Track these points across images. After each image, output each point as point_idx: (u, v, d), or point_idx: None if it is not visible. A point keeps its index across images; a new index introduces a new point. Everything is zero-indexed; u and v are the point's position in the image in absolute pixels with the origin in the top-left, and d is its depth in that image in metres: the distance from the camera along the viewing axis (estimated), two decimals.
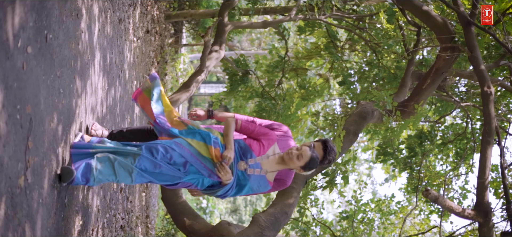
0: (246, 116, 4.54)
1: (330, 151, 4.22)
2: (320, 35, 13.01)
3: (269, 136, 3.99)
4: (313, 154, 3.90)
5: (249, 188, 3.93)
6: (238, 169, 3.88)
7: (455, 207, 5.03)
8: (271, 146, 3.99)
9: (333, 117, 11.64)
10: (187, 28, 16.13)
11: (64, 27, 3.84)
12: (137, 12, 8.17)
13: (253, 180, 3.89)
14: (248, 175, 3.87)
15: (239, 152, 3.90)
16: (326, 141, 4.29)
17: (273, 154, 3.97)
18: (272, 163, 3.96)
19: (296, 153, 3.87)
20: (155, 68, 11.16)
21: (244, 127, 4.02)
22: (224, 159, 3.79)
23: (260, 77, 13.38)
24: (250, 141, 3.95)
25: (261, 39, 23.64)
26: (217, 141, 3.87)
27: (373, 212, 10.72)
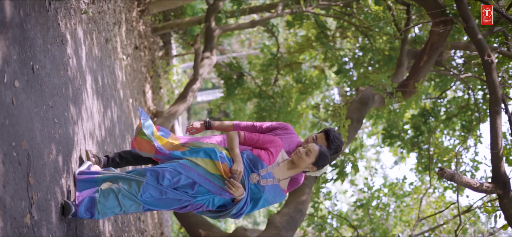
0: (245, 122, 4.44)
1: (333, 140, 4.13)
2: (310, 27, 12.93)
3: (276, 142, 3.85)
4: (321, 148, 3.80)
5: (264, 200, 3.75)
6: (251, 182, 3.71)
7: (472, 182, 4.92)
8: (280, 153, 3.86)
9: (334, 107, 11.53)
10: (175, 38, 16.02)
11: (50, 55, 3.74)
12: (123, 30, 8.06)
13: (267, 191, 3.73)
14: (262, 187, 3.70)
15: (249, 165, 3.73)
16: (328, 130, 4.20)
17: (282, 160, 3.84)
18: (283, 169, 3.81)
19: (303, 150, 3.76)
20: (148, 83, 11.06)
21: (248, 138, 3.88)
22: (233, 174, 3.62)
23: (255, 77, 13.30)
24: (258, 151, 3.80)
25: (251, 39, 23.52)
26: (223, 156, 3.69)
27: (387, 196, 10.65)
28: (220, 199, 3.69)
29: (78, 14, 4.83)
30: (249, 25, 12.20)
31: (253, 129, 4.37)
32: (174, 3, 9.73)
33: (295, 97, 11.89)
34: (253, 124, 4.40)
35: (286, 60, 13.21)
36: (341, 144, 4.18)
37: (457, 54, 11.28)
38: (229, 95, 12.63)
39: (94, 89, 5.18)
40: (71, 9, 4.57)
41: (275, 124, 4.41)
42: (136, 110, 8.49)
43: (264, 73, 12.93)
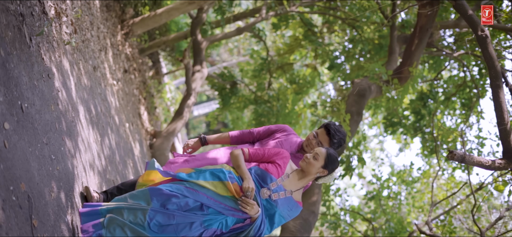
0: (241, 131, 4.33)
1: (334, 134, 4.03)
2: (296, 26, 12.89)
3: (282, 154, 3.70)
4: (328, 150, 3.68)
5: (280, 215, 3.58)
6: (262, 198, 3.54)
7: (484, 161, 4.83)
8: (288, 164, 3.71)
9: (332, 103, 11.46)
10: (163, 56, 15.93)
11: (38, 91, 3.64)
12: (110, 55, 7.97)
13: (281, 205, 3.56)
14: (274, 202, 3.54)
15: (258, 180, 3.57)
16: (327, 125, 4.10)
17: (291, 171, 3.69)
18: (294, 180, 3.66)
19: (311, 155, 3.63)
20: (143, 104, 10.96)
21: (253, 154, 3.72)
22: (245, 192, 3.43)
23: (248, 84, 13.23)
24: (266, 165, 3.65)
25: (239, 47, 23.44)
26: (232, 175, 3.53)
27: (397, 185, 10.59)
28: (232, 219, 3.51)
29: (61, 46, 4.74)
30: (235, 33, 12.14)
31: (250, 136, 4.26)
32: (157, 21, 9.62)
33: (291, 98, 11.83)
34: (249, 131, 4.28)
35: (277, 62, 13.16)
36: (343, 136, 4.09)
37: (446, 33, 11.24)
38: (225, 106, 12.55)
39: (88, 119, 5.08)
40: (53, 41, 4.47)
41: (273, 127, 4.31)
42: (135, 133, 8.42)
43: (257, 79, 12.86)
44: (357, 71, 11.53)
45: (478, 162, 4.80)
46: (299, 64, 15.35)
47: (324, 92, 16.32)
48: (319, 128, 4.17)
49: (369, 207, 10.80)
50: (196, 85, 10.47)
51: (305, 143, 4.13)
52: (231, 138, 4.26)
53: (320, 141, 4.06)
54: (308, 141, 4.10)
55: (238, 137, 4.26)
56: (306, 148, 4.11)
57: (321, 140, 4.06)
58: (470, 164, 4.79)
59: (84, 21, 6.24)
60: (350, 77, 11.81)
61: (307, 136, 4.18)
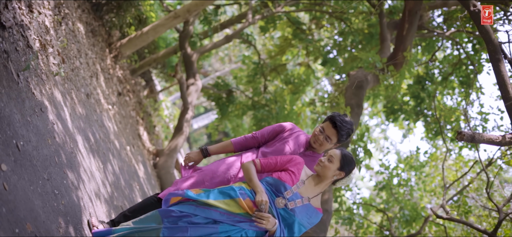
0: (243, 137, 4.12)
1: (341, 126, 3.85)
2: (284, 27, 12.84)
3: (295, 160, 3.54)
4: (342, 150, 3.54)
5: (299, 224, 3.39)
6: (278, 208, 3.37)
7: (494, 138, 4.73)
8: (302, 170, 3.54)
9: (330, 98, 11.37)
10: (156, 74, 15.82)
11: (32, 127, 3.54)
12: (102, 80, 7.86)
13: (299, 214, 3.37)
14: (291, 211, 3.35)
15: (271, 190, 3.40)
16: (332, 117, 3.92)
17: (307, 177, 3.52)
18: (311, 186, 3.49)
19: (325, 158, 3.48)
20: (141, 125, 10.85)
21: (265, 164, 3.56)
22: (259, 205, 3.26)
23: (244, 90, 13.15)
24: (278, 174, 3.49)
25: (230, 55, 23.36)
26: (243, 191, 3.36)
27: (406, 171, 10.49)
28: (252, 232, 3.35)
29: (50, 77, 4.63)
30: (224, 41, 12.05)
31: (254, 141, 4.07)
32: (144, 40, 9.51)
33: (289, 99, 11.74)
34: (252, 135, 4.10)
35: (270, 65, 13.09)
36: (351, 126, 3.93)
37: (435, 14, 11.19)
38: (223, 115, 12.46)
39: (87, 147, 4.98)
40: (42, 74, 4.37)
41: (277, 127, 4.12)
42: (137, 155, 8.32)
43: (252, 84, 12.78)
44: (351, 63, 11.46)
45: (488, 139, 4.70)
46: (292, 64, 15.29)
47: (320, 88, 16.24)
48: (323, 122, 4.00)
49: (380, 198, 10.70)
50: (192, 99, 10.37)
51: (312, 139, 3.97)
52: (234, 145, 4.07)
53: (327, 135, 3.90)
54: (315, 137, 3.95)
55: (242, 144, 4.08)
56: (314, 144, 3.96)
57: (328, 134, 3.90)
58: (480, 142, 4.70)
59: (71, 50, 6.14)
60: (344, 70, 11.73)
61: (313, 131, 4.00)
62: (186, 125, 9.84)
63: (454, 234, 9.46)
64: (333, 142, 3.93)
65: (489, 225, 8.15)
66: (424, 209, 9.97)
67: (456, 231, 9.48)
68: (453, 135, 9.40)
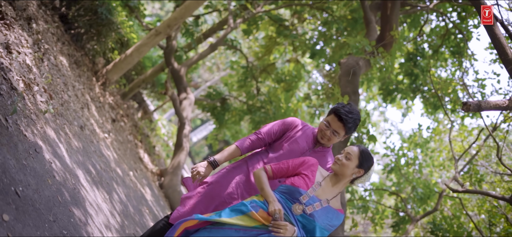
0: (248, 139, 3.84)
1: (346, 118, 3.59)
2: (267, 26, 12.72)
3: (307, 163, 3.33)
4: (360, 147, 3.35)
5: (320, 228, 3.17)
6: (296, 215, 3.15)
7: (501, 103, 4.60)
8: (317, 171, 3.33)
9: (324, 90, 11.24)
10: (147, 94, 15.64)
11: (29, 170, 3.39)
12: (93, 110, 7.70)
13: (319, 218, 3.16)
14: (310, 216, 3.15)
15: (286, 198, 3.19)
16: (336, 110, 3.65)
17: (323, 179, 3.31)
18: (328, 187, 3.28)
19: (342, 156, 3.29)
20: (140, 148, 10.69)
21: (277, 170, 3.35)
22: (273, 215, 3.06)
23: (237, 95, 13.03)
24: (291, 180, 3.27)
25: (217, 63, 23.25)
26: (255, 204, 3.16)
27: (412, 150, 10.38)
28: None
29: (40, 116, 4.47)
30: (210, 50, 11.89)
31: (261, 142, 3.82)
32: (130, 62, 9.33)
33: (283, 97, 11.62)
34: (257, 136, 3.84)
35: (258, 66, 12.96)
36: (357, 115, 3.68)
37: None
38: (221, 124, 12.32)
39: (90, 180, 4.82)
40: (31, 114, 4.21)
41: (283, 125, 3.87)
42: (141, 179, 8.16)
43: (244, 88, 12.65)
44: (340, 51, 11.36)
45: (495, 105, 4.57)
46: (280, 62, 15.18)
47: (313, 81, 16.12)
48: (328, 116, 3.74)
49: (390, 180, 10.57)
50: (187, 113, 10.23)
51: (320, 135, 3.74)
52: (241, 149, 3.79)
53: (334, 129, 3.66)
54: (322, 132, 3.72)
55: (248, 147, 3.83)
56: (322, 140, 3.73)
57: (335, 128, 3.66)
58: (487, 109, 4.57)
59: (57, 84, 5.97)
60: (334, 59, 11.63)
61: (319, 127, 3.78)
62: (186, 141, 9.69)
63: (469, 205, 9.38)
64: (341, 136, 3.71)
65: (502, 189, 8.07)
66: (437, 185, 9.86)
67: (471, 201, 9.40)
68: (453, 107, 9.31)
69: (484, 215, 8.68)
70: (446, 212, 9.04)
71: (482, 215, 8.99)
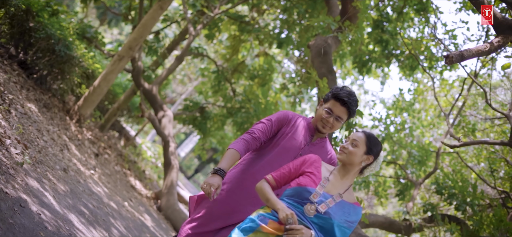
0: (243, 140, 3.48)
1: (349, 101, 3.35)
2: (228, 25, 12.50)
3: (308, 160, 3.05)
4: (365, 132, 3.08)
5: (339, 226, 2.86)
6: (309, 217, 2.84)
7: (482, 48, 4.48)
8: (321, 166, 3.04)
9: (299, 76, 11.05)
10: (125, 120, 15.28)
11: (18, 228, 3.13)
12: (74, 149, 7.38)
13: (335, 215, 2.85)
14: (325, 214, 2.84)
15: (295, 202, 2.88)
16: (336, 94, 3.38)
17: (330, 173, 3.01)
18: (337, 181, 2.99)
19: (348, 143, 3.01)
20: (130, 175, 10.36)
21: (280, 177, 3.05)
22: (286, 221, 2.74)
23: (214, 101, 12.79)
24: (297, 180, 2.97)
25: (187, 74, 22.93)
26: (262, 216, 2.86)
27: (398, 116, 10.24)
28: None
29: (18, 169, 4.18)
30: (176, 63, 11.59)
31: (256, 141, 3.48)
32: (99, 93, 8.99)
33: (260, 92, 11.40)
34: (251, 136, 3.50)
35: (229, 68, 12.74)
36: (355, 95, 3.45)
37: None
38: (204, 134, 12.06)
39: (84, 222, 4.55)
40: (8, 170, 3.92)
41: (275, 120, 3.56)
42: (138, 207, 7.88)
43: (219, 93, 12.41)
44: (306, 34, 11.19)
45: (477, 52, 4.44)
46: (249, 58, 14.97)
47: (286, 70, 15.93)
48: (327, 102, 3.45)
49: (385, 150, 10.45)
50: (169, 130, 9.95)
51: (321, 124, 3.45)
52: (239, 152, 3.41)
53: (337, 115, 3.39)
54: (323, 121, 3.43)
55: (245, 148, 3.46)
56: (324, 129, 3.45)
57: (338, 113, 3.39)
58: (470, 57, 4.43)
59: (30, 132, 5.66)
60: (302, 44, 11.45)
61: (318, 115, 3.48)
62: (173, 158, 9.41)
63: (466, 157, 9.29)
64: (344, 120, 3.44)
65: (496, 134, 8.00)
66: (431, 145, 9.76)
67: (468, 153, 9.33)
68: (430, 64, 9.22)
69: (484, 163, 8.63)
70: (446, 169, 8.94)
71: (482, 164, 8.93)
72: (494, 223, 6.31)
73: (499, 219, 6.30)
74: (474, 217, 6.86)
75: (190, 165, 31.52)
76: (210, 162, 28.25)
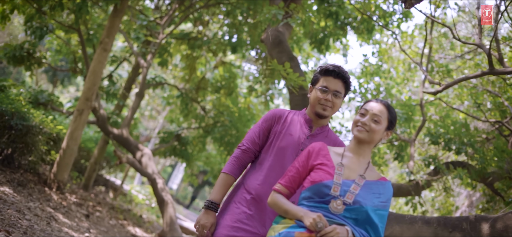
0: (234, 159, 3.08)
1: (343, 73, 2.96)
2: (178, 47, 12.14)
3: (314, 150, 2.61)
4: (382, 101, 2.63)
5: (373, 210, 2.40)
6: (337, 213, 2.38)
7: None
8: (329, 153, 2.60)
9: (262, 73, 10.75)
10: (107, 172, 14.72)
11: None
12: (61, 217, 6.90)
13: (365, 201, 2.41)
14: (355, 203, 2.39)
15: (315, 203, 2.44)
16: (324, 70, 2.99)
17: (342, 157, 2.57)
18: (354, 162, 2.55)
19: (368, 119, 2.55)
20: (128, 225, 9.87)
21: (288, 182, 2.60)
22: (316, 226, 2.30)
23: (188, 125, 12.41)
24: (310, 179, 2.51)
25: (153, 107, 22.41)
26: (285, 231, 2.40)
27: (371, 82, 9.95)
28: None
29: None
30: (138, 99, 11.08)
31: (250, 154, 3.08)
32: (71, 154, 8.44)
33: (230, 102, 11.06)
34: (240, 150, 3.10)
35: (192, 88, 12.38)
36: (341, 66, 3.04)
37: None
38: (188, 160, 11.62)
39: None
40: None
41: (262, 122, 3.13)
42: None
43: (190, 115, 12.01)
44: (256, 31, 10.91)
45: None
46: (209, 72, 14.64)
47: (248, 73, 15.61)
48: (316, 83, 3.01)
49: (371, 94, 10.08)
50: (152, 168, 9.53)
51: (320, 107, 2.98)
52: (233, 174, 3.05)
53: (335, 90, 2.96)
54: (320, 103, 2.97)
55: (238, 166, 3.08)
56: (325, 111, 2.98)
57: (334, 87, 2.96)
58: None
59: (10, 216, 5.19)
60: (254, 41, 11.17)
61: (314, 99, 3.00)
62: (165, 193, 8.99)
63: (448, 100, 9.11)
64: (343, 95, 3.02)
65: (470, 68, 7.83)
66: (411, 99, 9.51)
67: (449, 97, 9.12)
68: (385, 21, 8.99)
69: (468, 101, 8.44)
70: (434, 118, 8.71)
71: (466, 102, 8.74)
72: (498, 155, 6.11)
73: (500, 150, 6.11)
74: (475, 155, 6.64)
75: (185, 194, 30.94)
76: (204, 185, 27.71)
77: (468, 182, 6.60)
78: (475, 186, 6.98)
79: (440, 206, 9.59)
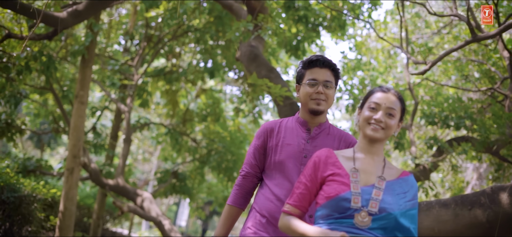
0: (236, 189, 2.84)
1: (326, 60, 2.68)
2: (155, 85, 11.89)
3: (319, 159, 2.26)
4: (395, 92, 2.29)
5: (402, 214, 2.10)
6: (364, 225, 2.05)
7: None
8: (340, 159, 2.26)
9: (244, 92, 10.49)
10: (112, 225, 14.32)
11: None
12: None
13: (392, 206, 2.08)
14: (381, 211, 2.07)
15: (335, 220, 2.10)
16: (308, 62, 2.70)
17: (353, 160, 2.25)
18: (369, 164, 2.22)
19: (382, 115, 2.21)
20: None
21: (298, 200, 2.25)
22: None
23: (182, 160, 12.10)
24: (324, 195, 2.16)
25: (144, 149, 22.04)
26: None
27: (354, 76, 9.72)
28: None
29: None
30: (127, 146, 10.72)
31: (252, 178, 2.80)
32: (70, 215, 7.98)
33: (218, 127, 10.79)
34: (241, 177, 2.83)
35: (178, 122, 12.08)
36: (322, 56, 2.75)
37: None
38: (190, 195, 11.32)
39: None
40: None
41: (255, 142, 2.82)
42: None
43: (182, 149, 11.71)
44: (229, 51, 10.69)
45: None
46: (193, 104, 14.35)
47: (231, 95, 15.34)
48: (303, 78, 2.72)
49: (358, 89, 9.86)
50: (155, 211, 9.23)
51: (314, 104, 2.67)
52: (239, 206, 2.81)
53: (325, 80, 2.67)
54: (312, 99, 2.67)
55: (242, 195, 2.82)
56: (319, 106, 2.66)
57: (323, 77, 2.66)
58: None
59: None
60: (230, 62, 10.92)
61: (305, 95, 2.69)
62: (174, 233, 8.71)
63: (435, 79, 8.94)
64: (334, 85, 2.73)
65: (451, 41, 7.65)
66: (399, 85, 9.31)
67: (435, 75, 8.94)
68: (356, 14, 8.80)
69: (454, 75, 8.26)
70: (426, 99, 8.52)
71: (453, 77, 8.56)
72: (496, 121, 5.90)
73: (498, 116, 5.89)
74: (475, 126, 6.43)
75: (196, 228, 30.43)
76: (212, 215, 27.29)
77: (472, 156, 6.38)
78: (481, 158, 6.75)
79: (451, 185, 9.36)
